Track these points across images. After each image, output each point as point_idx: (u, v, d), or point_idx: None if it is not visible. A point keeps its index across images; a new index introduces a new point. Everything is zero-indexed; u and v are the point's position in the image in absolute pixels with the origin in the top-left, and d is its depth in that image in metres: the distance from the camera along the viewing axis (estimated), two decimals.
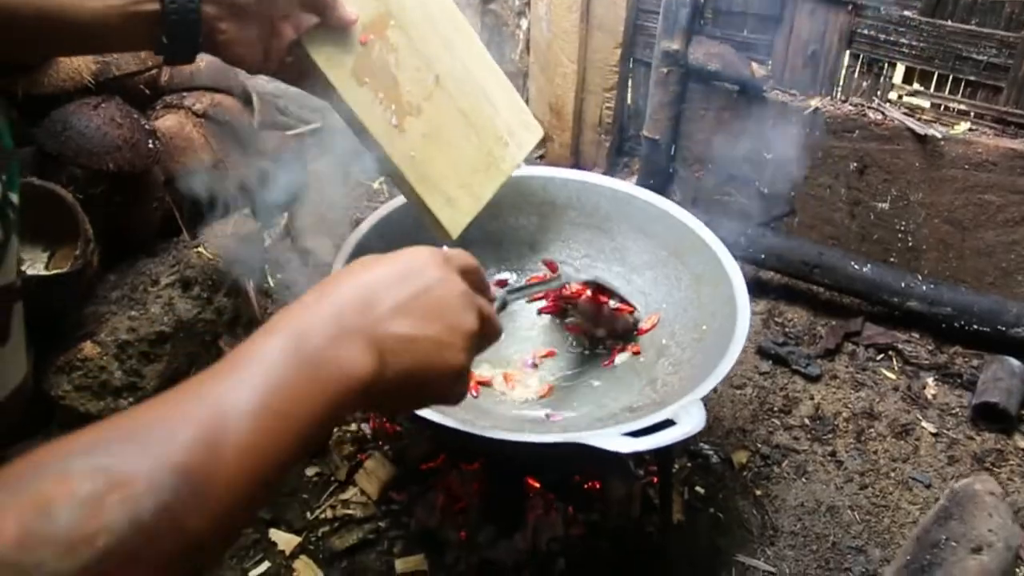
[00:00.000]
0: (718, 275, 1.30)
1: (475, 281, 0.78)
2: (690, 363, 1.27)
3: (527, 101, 2.11)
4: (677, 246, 1.40)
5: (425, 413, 1.06)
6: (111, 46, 1.12)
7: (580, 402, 1.32)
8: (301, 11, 1.04)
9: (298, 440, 0.57)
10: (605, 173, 2.07)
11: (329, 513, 1.42)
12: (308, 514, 1.43)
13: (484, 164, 1.28)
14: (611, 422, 1.21)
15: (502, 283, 1.50)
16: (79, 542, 0.45)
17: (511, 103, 1.34)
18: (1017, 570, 1.29)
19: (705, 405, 1.07)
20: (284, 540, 1.40)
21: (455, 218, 1.23)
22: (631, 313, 1.42)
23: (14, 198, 0.92)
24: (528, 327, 1.46)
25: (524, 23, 2.07)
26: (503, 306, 0.95)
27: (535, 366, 1.39)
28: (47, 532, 0.45)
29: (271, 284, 1.79)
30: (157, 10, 0.91)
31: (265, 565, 1.37)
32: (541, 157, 2.13)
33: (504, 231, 1.50)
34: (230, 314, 1.65)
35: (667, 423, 1.04)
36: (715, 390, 1.31)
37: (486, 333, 0.77)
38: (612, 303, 1.43)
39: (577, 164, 2.10)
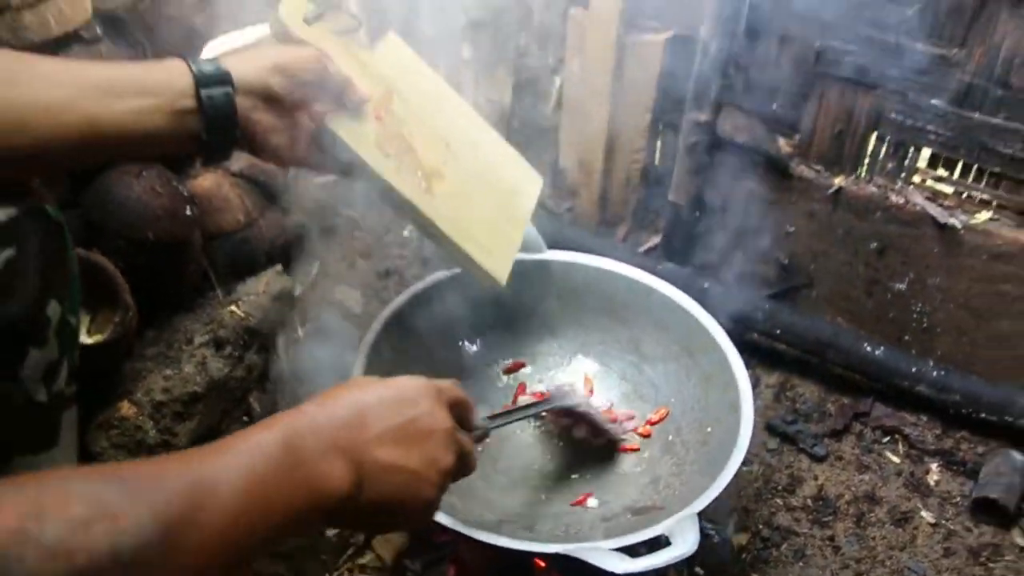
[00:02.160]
0: (727, 379, 1.35)
1: (462, 414, 0.84)
2: (692, 466, 1.32)
3: (557, 156, 2.16)
4: (690, 343, 1.45)
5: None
6: (148, 149, 1.07)
7: (595, 488, 1.39)
8: (320, 97, 1.09)
9: (269, 528, 0.62)
10: (629, 231, 2.12)
11: None
12: (326, 575, 1.51)
13: (506, 215, 1.36)
14: (612, 522, 1.27)
15: (518, 365, 1.55)
16: (60, 553, 0.50)
17: (511, 158, 1.43)
18: None
19: (701, 517, 1.13)
20: None
21: (499, 265, 1.31)
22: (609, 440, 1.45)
23: (72, 320, 0.99)
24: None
25: (557, 80, 2.10)
26: (484, 436, 1.00)
27: None
28: (36, 534, 0.50)
29: (300, 335, 1.86)
30: (195, 106, 0.93)
31: None
32: (570, 209, 2.17)
33: (523, 314, 1.55)
34: (260, 370, 1.72)
35: (662, 540, 1.11)
36: None
37: (461, 469, 0.83)
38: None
39: (603, 219, 2.14)
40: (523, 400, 1.51)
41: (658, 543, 1.11)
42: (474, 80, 2.14)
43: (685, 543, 1.09)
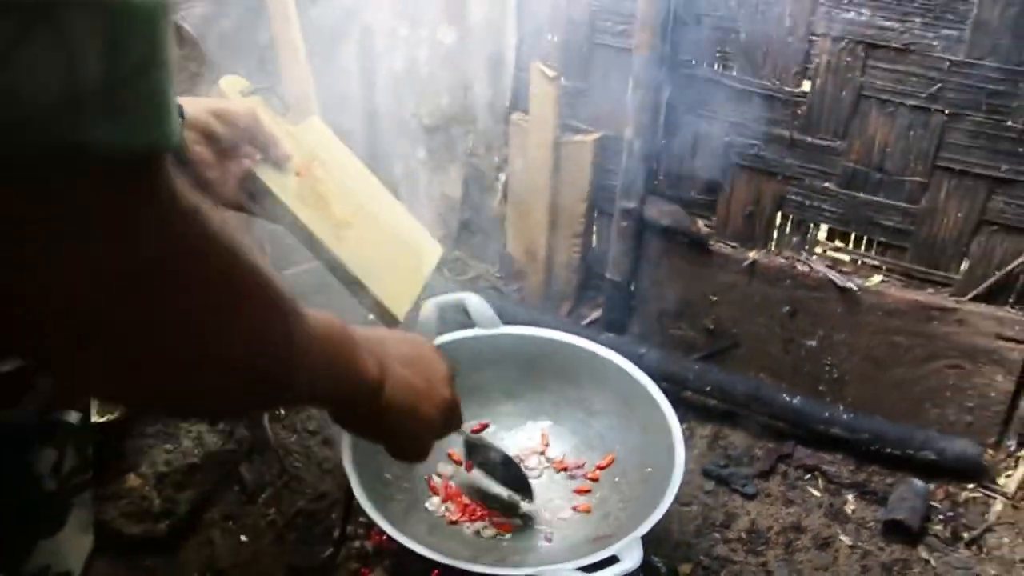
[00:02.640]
0: (662, 427, 1.58)
1: (453, 371, 1.03)
2: (637, 501, 1.54)
3: (505, 243, 2.42)
4: (630, 398, 1.68)
5: (413, 545, 1.33)
6: None
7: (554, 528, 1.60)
8: (250, 147, 1.27)
9: (328, 376, 0.76)
10: (573, 307, 2.37)
11: None
12: None
13: (407, 267, 1.57)
14: (570, 554, 1.47)
15: (484, 426, 1.77)
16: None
17: (416, 228, 1.65)
18: None
19: (645, 540, 1.35)
20: None
21: (398, 304, 1.51)
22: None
23: (87, 424, 1.15)
24: None
25: (503, 177, 2.38)
26: None
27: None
28: None
29: (281, 412, 2.06)
30: None
31: None
32: (518, 290, 2.42)
33: (485, 381, 1.77)
34: (249, 443, 1.91)
35: (613, 559, 1.32)
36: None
37: (452, 414, 1.01)
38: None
39: (549, 297, 2.39)
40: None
41: (611, 562, 1.32)
42: (429, 178, 2.40)
43: (631, 560, 1.31)
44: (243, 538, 1.79)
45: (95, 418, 1.68)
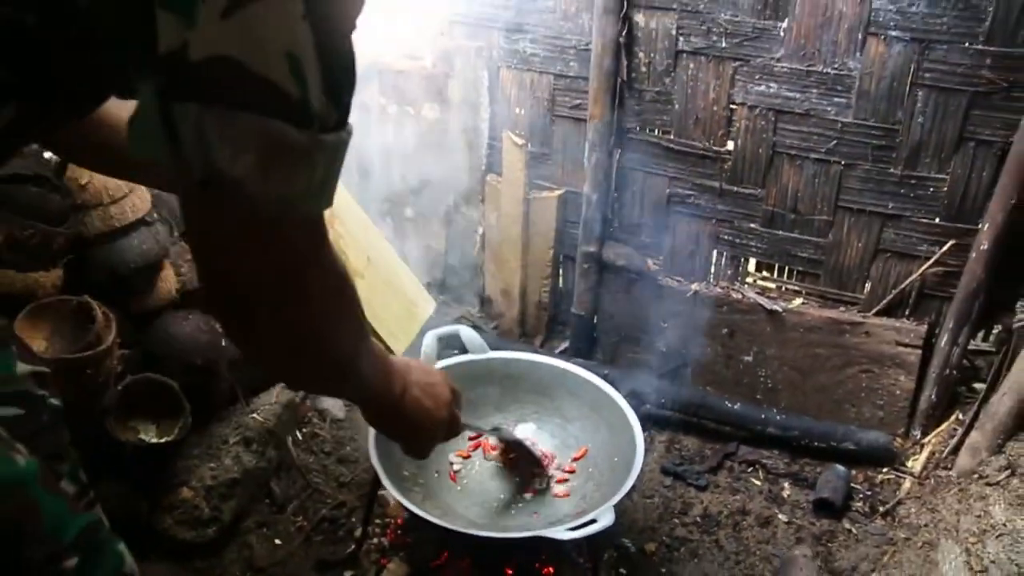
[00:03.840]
0: (624, 426, 1.94)
1: (456, 398, 1.36)
2: (608, 483, 1.90)
3: (484, 287, 2.79)
4: (597, 405, 2.04)
5: (442, 521, 1.67)
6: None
7: (540, 509, 1.95)
8: None
9: (370, 381, 1.06)
10: (544, 340, 2.75)
11: None
12: None
13: (406, 315, 1.91)
14: (557, 523, 1.82)
15: (478, 434, 2.13)
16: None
17: (414, 282, 1.99)
18: None
19: (617, 510, 1.70)
20: None
21: (397, 346, 1.84)
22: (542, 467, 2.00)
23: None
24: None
25: (480, 229, 2.75)
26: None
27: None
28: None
29: (299, 436, 2.39)
30: None
31: None
32: (495, 328, 2.79)
33: (477, 397, 2.12)
34: (276, 462, 2.24)
35: (592, 521, 1.67)
36: (630, 497, 1.89)
37: (452, 424, 1.33)
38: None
39: (523, 332, 2.76)
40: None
41: (591, 523, 1.67)
42: (415, 231, 2.78)
43: (606, 520, 1.66)
44: (277, 541, 2.11)
45: (154, 440, 2.01)
